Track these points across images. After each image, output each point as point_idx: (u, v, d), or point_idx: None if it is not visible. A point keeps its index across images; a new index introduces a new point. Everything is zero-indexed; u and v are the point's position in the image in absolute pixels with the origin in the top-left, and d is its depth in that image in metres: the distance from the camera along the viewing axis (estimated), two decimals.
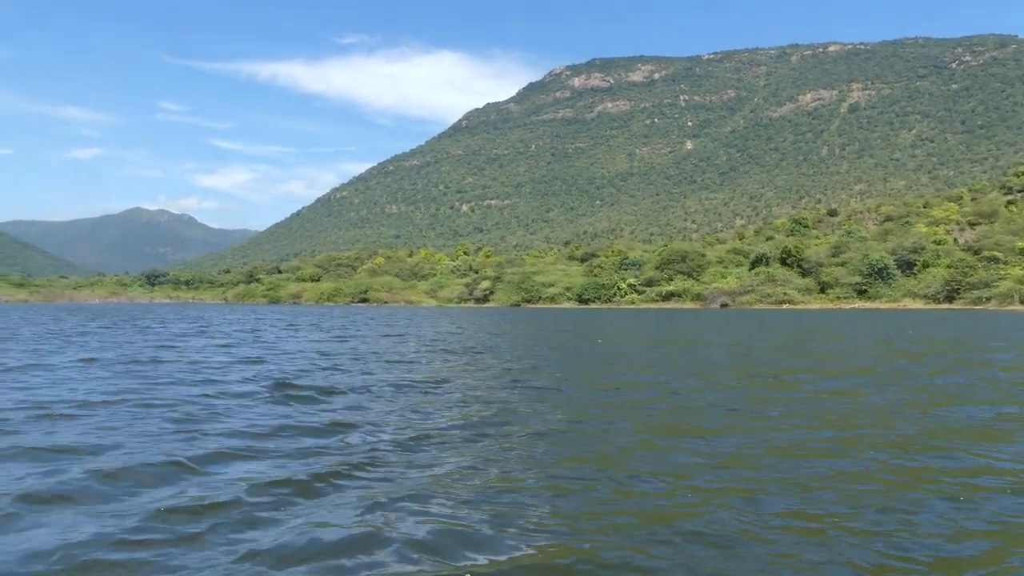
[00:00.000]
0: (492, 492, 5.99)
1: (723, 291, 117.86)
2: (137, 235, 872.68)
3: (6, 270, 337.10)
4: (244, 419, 9.29)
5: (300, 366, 16.48)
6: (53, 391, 11.65)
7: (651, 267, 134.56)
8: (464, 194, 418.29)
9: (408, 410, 10.19)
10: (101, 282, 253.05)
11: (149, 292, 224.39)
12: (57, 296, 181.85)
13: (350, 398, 11.31)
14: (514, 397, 11.54)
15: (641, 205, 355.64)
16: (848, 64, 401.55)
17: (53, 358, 17.56)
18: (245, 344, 24.29)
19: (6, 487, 5.97)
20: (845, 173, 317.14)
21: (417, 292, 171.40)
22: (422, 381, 13.46)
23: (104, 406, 10.02)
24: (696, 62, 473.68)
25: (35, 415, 9.26)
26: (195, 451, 7.34)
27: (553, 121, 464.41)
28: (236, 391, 11.82)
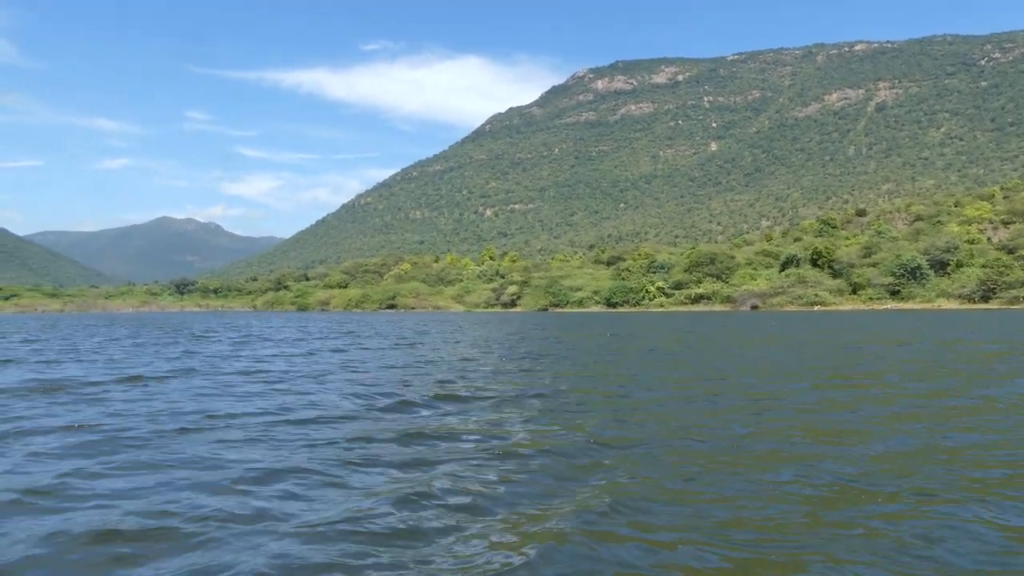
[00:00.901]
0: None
1: (753, 293, 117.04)
2: (165, 244, 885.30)
3: (39, 280, 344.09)
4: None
5: (463, 374, 16.47)
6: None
7: (679, 270, 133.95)
8: (488, 199, 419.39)
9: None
10: (131, 291, 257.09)
11: (179, 301, 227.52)
12: (91, 306, 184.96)
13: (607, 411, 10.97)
14: (698, 411, 10.87)
15: (665, 207, 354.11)
16: (875, 63, 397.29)
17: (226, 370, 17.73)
18: (361, 353, 24.26)
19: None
20: (872, 173, 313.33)
21: (444, 297, 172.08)
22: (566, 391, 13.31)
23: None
24: (720, 63, 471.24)
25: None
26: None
27: (576, 124, 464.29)
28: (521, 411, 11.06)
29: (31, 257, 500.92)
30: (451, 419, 9.99)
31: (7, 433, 8.77)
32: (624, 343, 29.68)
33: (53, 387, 13.24)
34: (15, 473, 6.92)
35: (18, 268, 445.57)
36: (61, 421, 9.56)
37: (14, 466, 7.20)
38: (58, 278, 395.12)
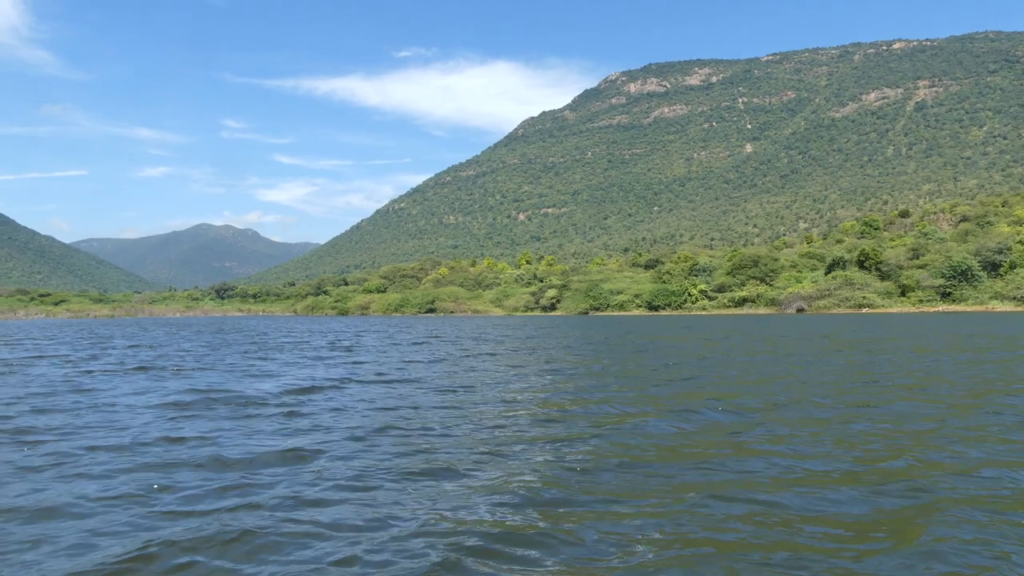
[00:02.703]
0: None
1: (799, 296, 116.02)
2: (204, 250, 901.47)
3: (84, 286, 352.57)
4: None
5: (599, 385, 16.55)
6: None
7: (722, 273, 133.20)
8: (521, 203, 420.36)
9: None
10: (174, 296, 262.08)
11: (220, 306, 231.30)
12: (138, 311, 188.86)
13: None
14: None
15: (700, 210, 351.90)
16: (914, 61, 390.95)
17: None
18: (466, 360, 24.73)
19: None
20: (912, 173, 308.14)
21: (483, 301, 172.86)
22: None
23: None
24: (754, 64, 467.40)
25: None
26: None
27: (609, 127, 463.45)
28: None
29: (77, 264, 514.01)
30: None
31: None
32: (753, 346, 29.87)
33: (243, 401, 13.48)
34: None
35: (65, 274, 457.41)
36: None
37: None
38: (102, 284, 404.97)
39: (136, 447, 8.74)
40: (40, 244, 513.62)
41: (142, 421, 10.68)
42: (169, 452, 8.46)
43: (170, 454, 8.34)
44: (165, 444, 8.91)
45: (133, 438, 9.26)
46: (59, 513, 6.12)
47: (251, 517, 5.92)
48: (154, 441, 9.06)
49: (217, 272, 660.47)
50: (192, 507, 6.33)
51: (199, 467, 7.74)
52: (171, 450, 8.58)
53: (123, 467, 7.72)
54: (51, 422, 10.40)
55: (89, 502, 6.41)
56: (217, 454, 8.25)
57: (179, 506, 6.35)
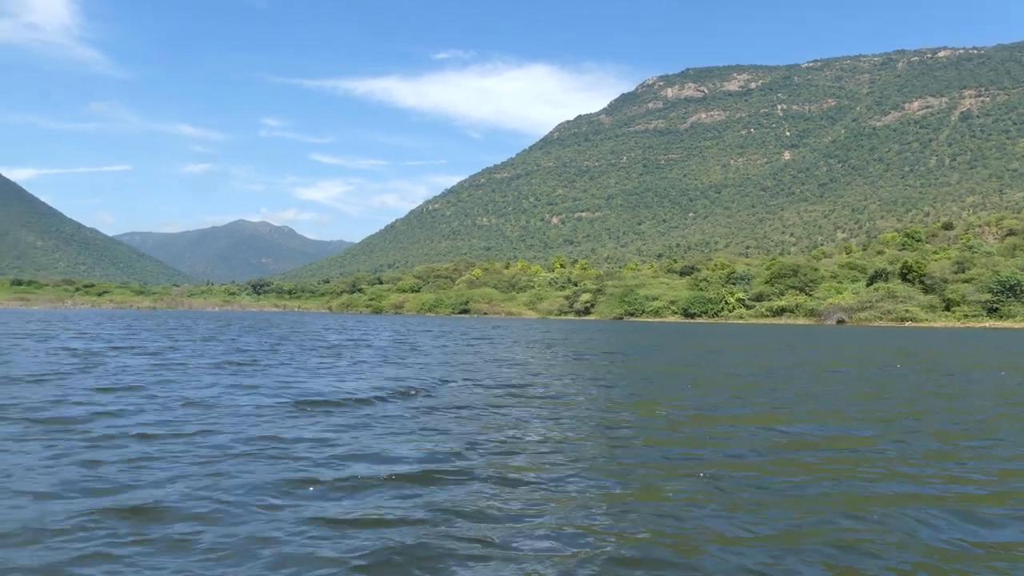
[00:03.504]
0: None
1: (839, 307, 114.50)
2: (241, 245, 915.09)
3: (126, 278, 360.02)
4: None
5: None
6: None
7: (760, 281, 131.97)
8: (554, 206, 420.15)
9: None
10: (211, 290, 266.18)
11: (257, 301, 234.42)
12: (178, 303, 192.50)
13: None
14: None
15: (736, 217, 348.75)
16: (959, 70, 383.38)
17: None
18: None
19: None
20: (956, 184, 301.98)
21: (517, 304, 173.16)
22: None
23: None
24: (794, 70, 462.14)
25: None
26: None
27: (645, 132, 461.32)
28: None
29: (120, 256, 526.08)
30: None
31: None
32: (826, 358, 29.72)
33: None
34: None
35: (108, 266, 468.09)
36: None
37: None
38: (143, 276, 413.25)
39: (295, 449, 8.51)
40: (85, 236, 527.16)
41: (277, 422, 10.39)
42: (329, 456, 8.17)
43: (335, 459, 8.02)
44: (318, 445, 8.72)
45: (284, 442, 8.91)
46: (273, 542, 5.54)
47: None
48: (312, 444, 8.78)
49: (253, 268, 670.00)
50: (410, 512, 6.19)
51: (392, 480, 7.36)
52: (327, 453, 8.30)
53: (293, 472, 7.41)
54: (183, 426, 9.94)
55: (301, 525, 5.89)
56: (383, 459, 8.07)
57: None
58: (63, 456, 7.81)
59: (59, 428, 9.39)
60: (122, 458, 7.77)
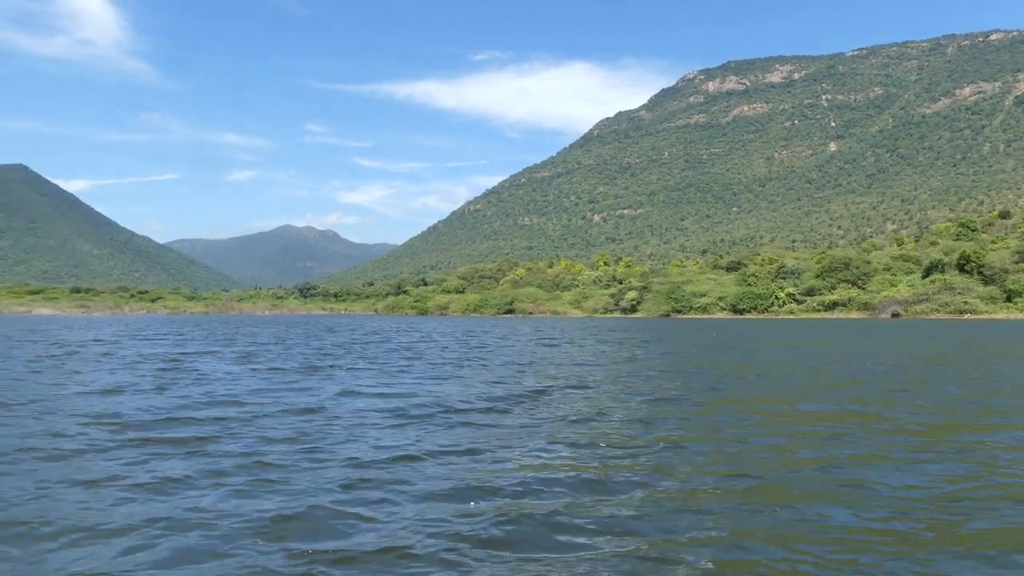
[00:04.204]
0: None
1: (894, 300, 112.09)
2: (286, 250, 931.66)
3: (177, 284, 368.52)
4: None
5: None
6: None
7: (811, 275, 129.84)
8: (596, 204, 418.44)
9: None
10: (260, 295, 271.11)
11: (304, 304, 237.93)
12: (228, 308, 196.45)
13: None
14: None
15: (781, 211, 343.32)
16: (1013, 53, 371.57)
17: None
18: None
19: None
20: (1012, 172, 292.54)
21: (562, 303, 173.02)
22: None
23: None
24: (839, 59, 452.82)
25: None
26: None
27: (686, 127, 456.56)
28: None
29: (170, 263, 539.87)
30: None
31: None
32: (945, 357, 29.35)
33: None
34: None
35: (159, 273, 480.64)
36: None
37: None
38: (193, 282, 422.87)
39: (433, 461, 8.20)
40: (138, 244, 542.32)
41: (392, 432, 9.98)
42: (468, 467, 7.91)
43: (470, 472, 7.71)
44: (445, 456, 8.40)
45: (416, 454, 8.52)
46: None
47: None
48: (432, 454, 8.43)
49: (299, 272, 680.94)
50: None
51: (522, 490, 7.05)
52: (467, 465, 8.01)
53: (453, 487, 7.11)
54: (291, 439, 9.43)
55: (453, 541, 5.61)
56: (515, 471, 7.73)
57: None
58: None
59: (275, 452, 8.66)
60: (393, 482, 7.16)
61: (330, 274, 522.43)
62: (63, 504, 6.35)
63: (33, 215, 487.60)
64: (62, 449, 8.57)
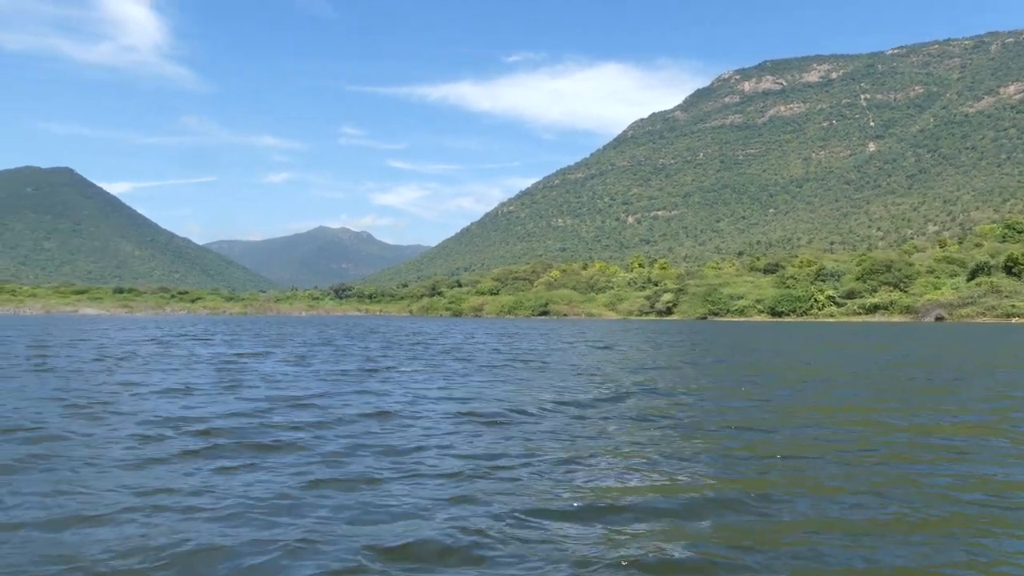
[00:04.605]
0: None
1: (938, 303, 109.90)
2: (321, 252, 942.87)
3: (216, 285, 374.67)
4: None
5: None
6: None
7: (851, 278, 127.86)
8: (630, 205, 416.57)
9: None
10: (296, 296, 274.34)
11: (340, 305, 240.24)
12: (266, 309, 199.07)
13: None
14: None
15: (819, 212, 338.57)
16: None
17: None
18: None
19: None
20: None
21: (597, 305, 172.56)
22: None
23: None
24: (878, 58, 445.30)
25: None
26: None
27: (722, 128, 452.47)
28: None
29: (209, 264, 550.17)
30: None
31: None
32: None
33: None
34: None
35: (198, 274, 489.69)
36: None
37: None
38: (231, 283, 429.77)
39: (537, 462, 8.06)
40: (177, 245, 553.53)
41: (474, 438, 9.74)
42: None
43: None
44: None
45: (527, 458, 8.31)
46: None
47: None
48: (555, 467, 8.00)
49: (334, 273, 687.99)
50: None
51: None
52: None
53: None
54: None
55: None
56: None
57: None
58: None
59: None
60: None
61: (364, 275, 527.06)
62: (171, 518, 5.97)
63: (78, 217, 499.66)
64: (165, 453, 8.41)
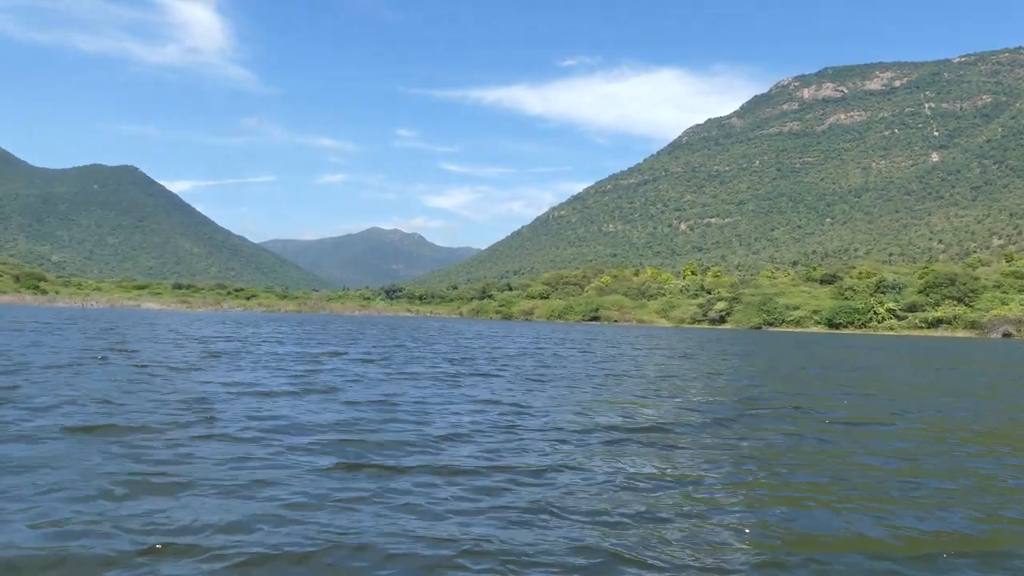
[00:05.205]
0: None
1: (1006, 319, 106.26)
2: (373, 252, 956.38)
3: (270, 283, 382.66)
4: None
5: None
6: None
7: (913, 291, 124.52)
8: (683, 212, 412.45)
9: None
10: (348, 295, 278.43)
11: (391, 306, 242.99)
12: (319, 307, 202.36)
13: None
14: None
15: (878, 223, 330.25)
16: None
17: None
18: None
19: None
20: None
21: (648, 312, 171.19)
22: None
23: None
24: (944, 66, 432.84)
25: None
26: None
27: (779, 135, 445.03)
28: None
29: (264, 262, 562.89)
30: None
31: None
32: None
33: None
34: None
35: (253, 272, 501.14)
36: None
37: None
38: (284, 281, 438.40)
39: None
40: (234, 244, 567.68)
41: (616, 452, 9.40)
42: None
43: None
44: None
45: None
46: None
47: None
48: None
49: (384, 274, 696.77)
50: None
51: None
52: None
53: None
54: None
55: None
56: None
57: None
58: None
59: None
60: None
61: (415, 276, 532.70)
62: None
63: (141, 214, 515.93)
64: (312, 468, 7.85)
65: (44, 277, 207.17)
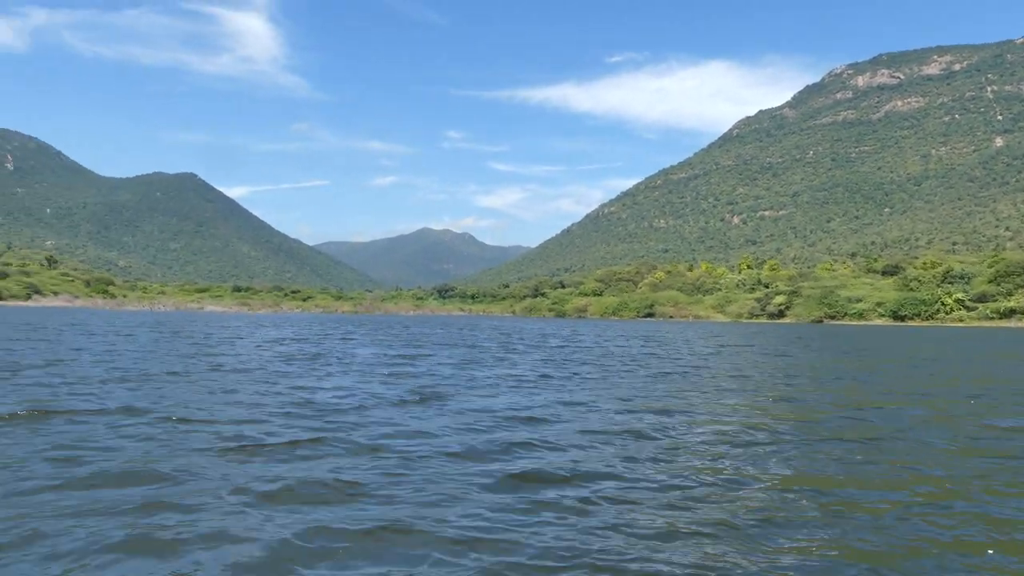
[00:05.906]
0: None
1: None
2: (425, 252, 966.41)
3: (325, 284, 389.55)
4: None
5: None
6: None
7: (983, 280, 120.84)
8: (735, 205, 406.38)
9: None
10: (401, 295, 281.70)
11: (443, 305, 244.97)
12: (374, 308, 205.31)
13: None
14: None
15: (939, 211, 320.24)
16: None
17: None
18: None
19: None
20: None
21: (704, 307, 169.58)
22: None
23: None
24: (1007, 47, 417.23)
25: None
26: None
27: (833, 124, 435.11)
28: None
29: (318, 264, 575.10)
30: None
31: None
32: None
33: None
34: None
35: (309, 274, 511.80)
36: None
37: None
38: (339, 282, 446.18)
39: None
40: (290, 246, 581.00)
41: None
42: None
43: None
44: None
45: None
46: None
47: None
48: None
49: (436, 273, 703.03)
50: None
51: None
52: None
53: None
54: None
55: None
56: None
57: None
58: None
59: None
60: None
61: (466, 276, 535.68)
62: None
63: (201, 219, 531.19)
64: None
65: (112, 281, 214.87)
